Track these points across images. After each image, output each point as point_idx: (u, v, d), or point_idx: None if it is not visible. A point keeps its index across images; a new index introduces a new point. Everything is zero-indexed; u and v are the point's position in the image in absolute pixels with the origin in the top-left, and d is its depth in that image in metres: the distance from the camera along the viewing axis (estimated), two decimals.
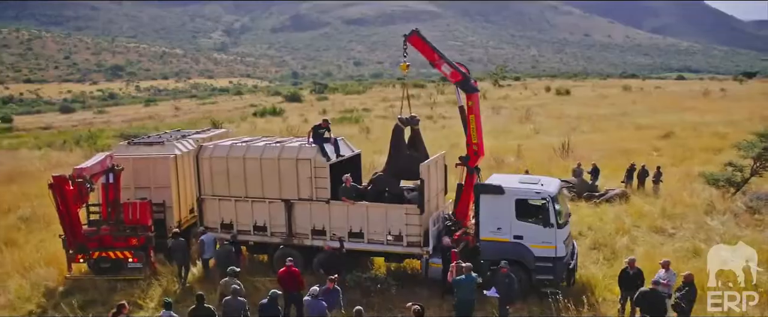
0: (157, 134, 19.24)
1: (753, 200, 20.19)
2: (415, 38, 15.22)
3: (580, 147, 34.31)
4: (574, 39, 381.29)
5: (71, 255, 15.38)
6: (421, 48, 15.20)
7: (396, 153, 15.41)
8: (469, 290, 11.94)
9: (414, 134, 15.81)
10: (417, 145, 15.67)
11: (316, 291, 11.30)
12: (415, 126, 15.68)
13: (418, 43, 15.21)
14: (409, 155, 15.35)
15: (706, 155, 32.99)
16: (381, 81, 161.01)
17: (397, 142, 15.47)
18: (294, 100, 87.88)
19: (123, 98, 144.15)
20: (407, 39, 15.29)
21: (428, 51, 15.10)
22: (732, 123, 47.79)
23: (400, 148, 15.44)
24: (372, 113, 66.18)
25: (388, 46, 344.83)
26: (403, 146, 15.51)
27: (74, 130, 60.86)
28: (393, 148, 15.52)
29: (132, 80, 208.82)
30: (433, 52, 15.05)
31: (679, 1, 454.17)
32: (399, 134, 15.49)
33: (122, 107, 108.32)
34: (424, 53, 15.14)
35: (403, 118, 15.49)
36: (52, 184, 14.31)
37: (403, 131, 15.54)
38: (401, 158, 15.27)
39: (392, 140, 15.56)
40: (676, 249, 16.83)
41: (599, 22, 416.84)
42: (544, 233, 13.54)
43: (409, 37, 15.28)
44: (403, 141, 15.60)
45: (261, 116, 67.16)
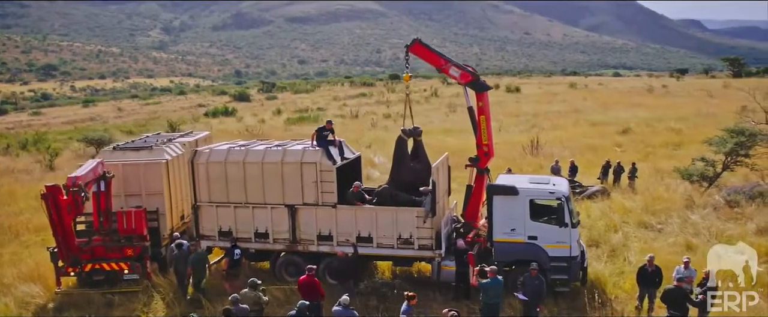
0: (142, 139, 18.28)
1: (731, 193, 20.90)
2: (418, 47, 14.95)
3: (546, 144, 34.90)
4: (515, 37, 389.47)
5: (61, 268, 14.43)
6: (425, 56, 14.95)
7: (400, 165, 15.16)
8: (496, 293, 11.83)
9: (416, 144, 15.61)
10: (420, 156, 15.46)
11: (347, 301, 10.91)
12: (418, 137, 15.44)
13: (420, 51, 14.96)
14: (412, 166, 15.12)
15: (666, 150, 34.14)
16: (328, 79, 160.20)
17: (400, 153, 15.24)
18: (242, 99, 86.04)
19: (58, 99, 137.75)
20: (409, 49, 15.00)
21: (433, 57, 14.86)
22: (681, 119, 49.71)
23: (404, 159, 15.22)
24: (327, 112, 65.57)
25: (333, 45, 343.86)
26: (407, 157, 15.28)
27: (10, 133, 57.60)
28: (397, 160, 15.27)
29: (66, 79, 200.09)
30: (439, 58, 14.81)
31: (614, 1, 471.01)
32: (402, 145, 15.26)
33: (59, 108, 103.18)
34: (428, 60, 14.89)
35: (406, 129, 15.27)
36: (45, 194, 13.38)
37: (406, 142, 15.32)
38: (405, 170, 15.04)
39: (396, 152, 15.31)
40: (670, 244, 17.25)
41: (539, 20, 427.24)
42: (558, 233, 13.57)
43: (411, 47, 15.00)
44: (407, 153, 15.37)
45: (213, 116, 65.48)
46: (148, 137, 18.99)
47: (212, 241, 15.48)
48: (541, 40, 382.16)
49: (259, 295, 11.72)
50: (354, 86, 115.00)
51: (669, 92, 75.13)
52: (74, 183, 13.41)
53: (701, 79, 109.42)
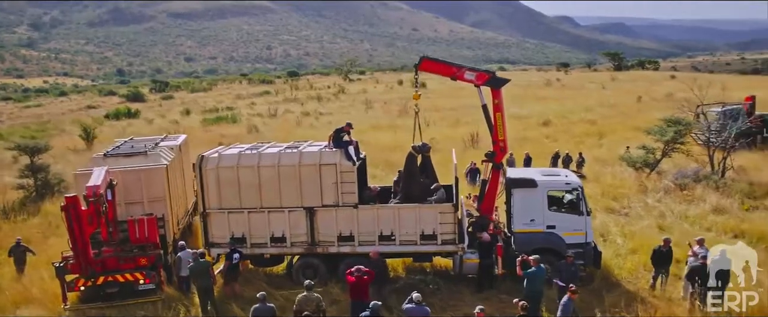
0: (128, 145, 17.17)
1: (679, 178, 22.99)
2: (427, 63, 15.36)
3: (482, 139, 36.19)
4: (404, 33, 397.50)
5: (70, 283, 13.42)
6: (436, 69, 15.39)
7: (410, 180, 15.32)
8: (540, 281, 12.44)
9: (424, 160, 15.85)
10: (428, 171, 15.75)
11: (420, 298, 11.06)
12: (426, 153, 15.73)
13: (431, 66, 15.39)
14: (422, 181, 15.40)
15: (592, 139, 36.62)
16: (224, 77, 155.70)
17: (411, 169, 15.41)
18: (136, 99, 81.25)
19: None
20: (418, 68, 15.30)
21: (444, 68, 15.30)
22: (589, 110, 53.40)
23: (415, 175, 15.41)
24: (238, 111, 63.89)
25: (221, 41, 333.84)
26: (417, 173, 15.47)
27: None
28: (407, 175, 15.40)
29: None
30: (450, 67, 15.25)
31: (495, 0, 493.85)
32: (413, 161, 15.47)
33: None
34: (441, 73, 15.35)
35: (416, 146, 15.50)
36: (65, 205, 12.40)
37: (416, 158, 15.52)
38: (415, 185, 15.23)
39: (406, 168, 15.46)
40: (644, 227, 18.73)
41: (425, 17, 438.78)
42: (576, 221, 14.47)
43: (420, 65, 15.33)
44: (417, 168, 15.55)
45: (115, 118, 61.72)
46: (125, 142, 17.89)
47: (223, 249, 14.94)
48: (429, 36, 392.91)
49: (319, 297, 11.61)
50: (253, 83, 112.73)
51: (565, 85, 79.90)
52: (95, 193, 12.52)
53: (586, 72, 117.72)
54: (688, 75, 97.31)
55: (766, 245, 16.51)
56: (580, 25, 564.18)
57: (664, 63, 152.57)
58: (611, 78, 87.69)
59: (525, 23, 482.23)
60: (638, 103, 57.18)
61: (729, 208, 20.08)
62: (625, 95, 64.87)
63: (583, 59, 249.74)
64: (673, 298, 13.52)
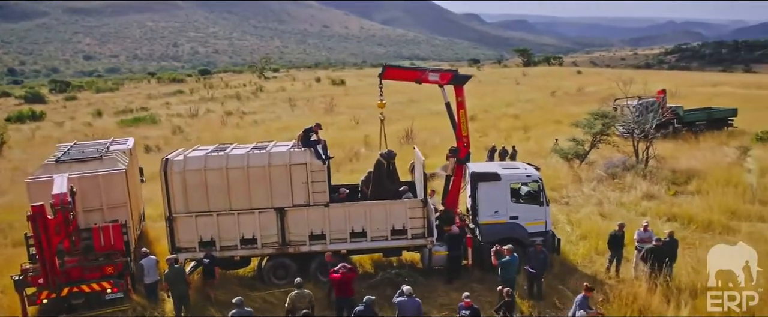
0: (78, 150, 16.33)
1: (610, 167, 24.59)
2: (390, 71, 15.82)
3: (416, 134, 36.96)
4: (314, 30, 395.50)
5: (30, 296, 12.72)
6: (400, 76, 15.88)
7: (380, 186, 15.66)
8: (513, 269, 13.11)
9: (391, 167, 16.13)
10: (392, 177, 16.10)
11: (411, 290, 11.38)
12: (392, 161, 16.04)
13: (394, 74, 15.85)
14: (387, 188, 15.75)
15: (518, 133, 38.21)
16: (131, 76, 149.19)
17: (379, 176, 15.76)
18: (36, 101, 75.99)
19: None
20: (382, 77, 15.61)
21: (408, 74, 15.80)
22: (509, 104, 55.68)
23: (383, 182, 15.75)
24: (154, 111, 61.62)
25: (123, 39, 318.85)
26: (385, 180, 15.81)
27: None
28: (376, 181, 15.74)
29: None
30: (414, 72, 15.74)
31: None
32: (381, 168, 15.79)
33: None
34: (406, 79, 15.77)
35: (383, 153, 15.83)
36: (31, 215, 11.71)
37: (384, 166, 15.83)
38: (385, 192, 15.54)
39: (375, 174, 15.81)
40: (588, 214, 19.96)
41: (336, 14, 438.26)
42: (536, 211, 15.29)
43: (383, 74, 15.66)
44: (385, 175, 15.89)
45: (19, 121, 57.81)
46: (71, 147, 17.05)
47: (191, 253, 14.65)
48: (340, 33, 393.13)
49: (311, 294, 11.71)
50: (163, 83, 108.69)
51: (481, 81, 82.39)
52: (62, 201, 11.92)
53: (497, 69, 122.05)
54: (593, 70, 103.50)
55: (697, 226, 18.10)
56: (486, 23, 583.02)
57: (566, 58, 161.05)
58: (523, 73, 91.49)
59: (433, 20, 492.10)
60: (553, 97, 60.21)
61: (657, 194, 21.76)
62: (538, 90, 67.95)
63: (491, 55, 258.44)
64: (627, 279, 14.58)
